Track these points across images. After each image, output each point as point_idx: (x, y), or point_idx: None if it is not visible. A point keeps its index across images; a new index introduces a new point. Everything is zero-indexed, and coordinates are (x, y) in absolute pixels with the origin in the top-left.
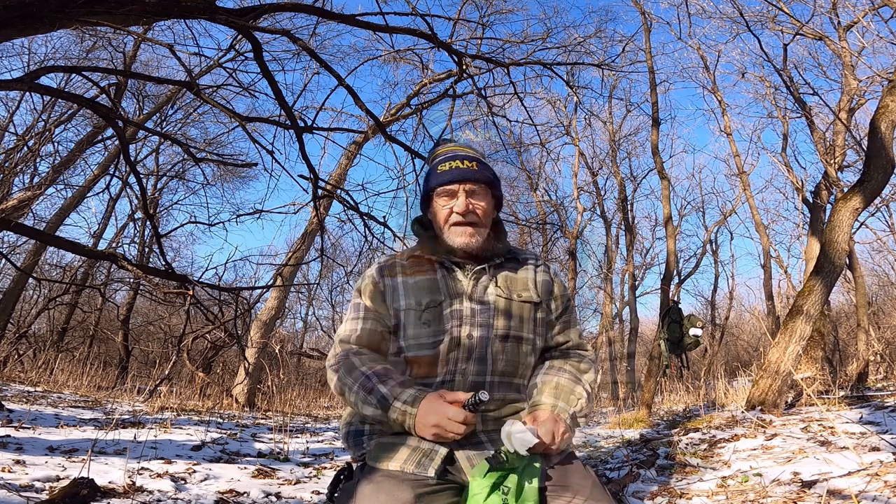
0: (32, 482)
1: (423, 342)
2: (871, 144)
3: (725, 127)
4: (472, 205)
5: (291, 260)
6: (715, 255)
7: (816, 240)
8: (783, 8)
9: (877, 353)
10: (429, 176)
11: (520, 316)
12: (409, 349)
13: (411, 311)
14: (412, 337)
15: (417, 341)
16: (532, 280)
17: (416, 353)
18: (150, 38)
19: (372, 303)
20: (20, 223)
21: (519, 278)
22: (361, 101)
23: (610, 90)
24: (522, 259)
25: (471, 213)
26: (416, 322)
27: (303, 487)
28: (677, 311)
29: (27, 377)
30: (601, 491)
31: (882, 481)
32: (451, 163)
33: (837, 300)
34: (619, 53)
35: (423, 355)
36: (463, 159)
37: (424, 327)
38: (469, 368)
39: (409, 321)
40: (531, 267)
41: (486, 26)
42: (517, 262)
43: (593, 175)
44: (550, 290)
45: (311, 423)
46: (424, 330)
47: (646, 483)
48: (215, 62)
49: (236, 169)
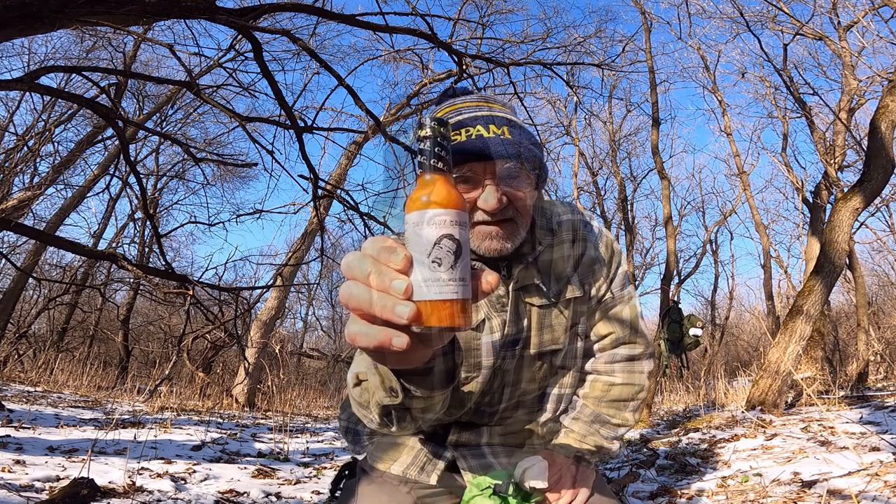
0: (32, 482)
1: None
2: (871, 144)
3: (725, 127)
4: (508, 195)
5: (291, 260)
6: (715, 255)
7: (816, 240)
8: (783, 8)
9: (877, 353)
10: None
11: (557, 324)
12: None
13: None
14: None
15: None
16: (571, 261)
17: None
18: (150, 38)
19: None
20: (20, 223)
21: (557, 266)
22: (361, 101)
23: (610, 90)
24: (557, 228)
25: (505, 208)
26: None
27: (303, 487)
28: (677, 311)
29: (27, 377)
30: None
31: (882, 481)
32: (469, 129)
33: (837, 300)
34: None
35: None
36: (488, 122)
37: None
38: (484, 400)
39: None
40: (567, 243)
41: (486, 26)
42: (553, 234)
43: (593, 175)
44: (591, 266)
45: (311, 423)
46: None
47: (646, 483)
48: (215, 62)
49: (236, 169)
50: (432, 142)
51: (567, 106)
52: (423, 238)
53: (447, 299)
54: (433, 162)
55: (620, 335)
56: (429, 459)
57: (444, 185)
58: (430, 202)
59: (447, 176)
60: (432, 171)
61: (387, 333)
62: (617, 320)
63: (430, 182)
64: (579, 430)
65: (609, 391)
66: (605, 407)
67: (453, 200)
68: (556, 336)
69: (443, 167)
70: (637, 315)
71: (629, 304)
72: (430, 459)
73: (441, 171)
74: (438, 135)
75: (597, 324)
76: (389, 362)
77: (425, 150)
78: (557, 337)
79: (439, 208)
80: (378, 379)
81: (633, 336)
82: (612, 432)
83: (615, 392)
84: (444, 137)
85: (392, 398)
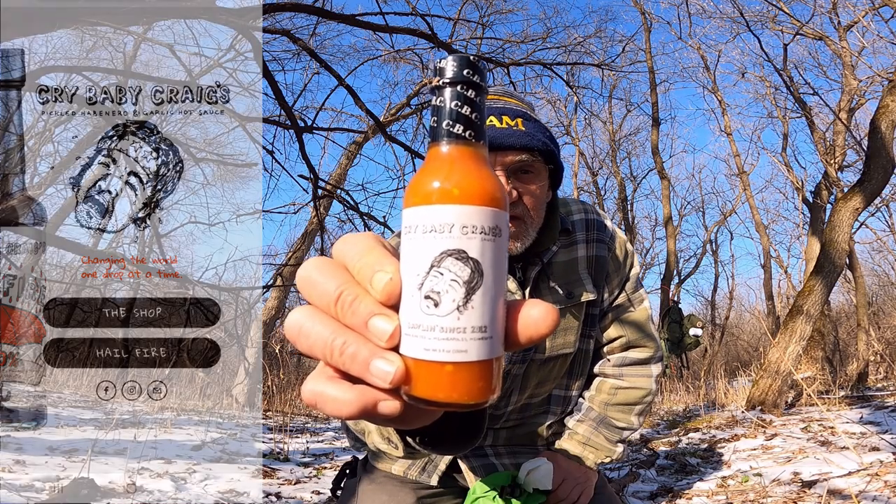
0: (32, 482)
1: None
2: (871, 144)
3: (725, 127)
4: (518, 190)
5: (291, 260)
6: (715, 255)
7: (816, 240)
8: (783, 8)
9: (877, 353)
10: None
11: (569, 327)
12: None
13: None
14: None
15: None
16: (585, 263)
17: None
18: (150, 38)
19: None
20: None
21: (571, 268)
22: (361, 101)
23: (610, 90)
24: (571, 228)
25: (514, 203)
26: None
27: (303, 487)
28: (677, 311)
29: None
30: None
31: (882, 481)
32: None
33: (837, 300)
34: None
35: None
36: (501, 114)
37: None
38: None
39: None
40: (582, 243)
41: (486, 26)
42: (567, 234)
43: (593, 175)
44: (605, 267)
45: (311, 423)
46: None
47: (646, 483)
48: (215, 62)
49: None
50: (452, 93)
51: (567, 106)
52: (413, 255)
53: (447, 361)
54: (448, 125)
55: (631, 339)
56: (430, 460)
57: (462, 164)
58: (432, 192)
59: (473, 148)
60: (448, 139)
61: (370, 396)
62: (628, 324)
63: (440, 158)
64: (584, 433)
65: (616, 394)
66: (611, 410)
67: (475, 189)
68: (567, 340)
69: (466, 133)
70: (648, 318)
71: (640, 307)
72: (431, 460)
73: (462, 140)
74: (463, 83)
75: (608, 327)
76: (379, 423)
77: (440, 108)
78: (569, 340)
79: (444, 203)
80: (373, 425)
81: (642, 339)
82: (616, 435)
83: (622, 395)
84: (474, 87)
85: (391, 448)
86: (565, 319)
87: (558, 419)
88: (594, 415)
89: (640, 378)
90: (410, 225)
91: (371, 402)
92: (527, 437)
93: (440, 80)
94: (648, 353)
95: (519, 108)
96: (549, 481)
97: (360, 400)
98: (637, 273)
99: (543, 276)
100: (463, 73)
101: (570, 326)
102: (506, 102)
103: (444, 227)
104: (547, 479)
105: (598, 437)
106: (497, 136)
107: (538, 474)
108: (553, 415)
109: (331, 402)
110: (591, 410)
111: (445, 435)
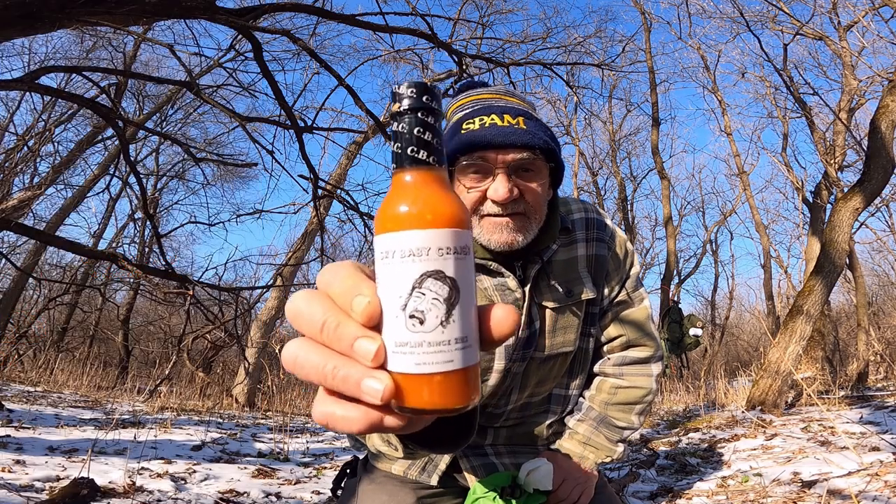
0: (32, 482)
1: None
2: (871, 144)
3: (725, 127)
4: (520, 187)
5: (291, 260)
6: (715, 255)
7: (816, 240)
8: (783, 8)
9: (877, 353)
10: (447, 137)
11: (569, 325)
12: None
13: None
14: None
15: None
16: (585, 261)
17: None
18: (150, 38)
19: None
20: (20, 223)
21: (571, 266)
22: (361, 101)
23: (610, 90)
24: (571, 226)
25: (516, 201)
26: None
27: (303, 487)
28: (677, 311)
29: (27, 377)
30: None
31: (882, 481)
32: (483, 117)
33: (837, 300)
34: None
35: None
36: (503, 112)
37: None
38: (491, 402)
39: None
40: (582, 242)
41: (486, 26)
42: (567, 232)
43: (593, 175)
44: (604, 266)
45: (311, 423)
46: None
47: (646, 483)
48: (215, 62)
49: (236, 169)
50: (413, 120)
51: (567, 106)
52: (394, 279)
53: (436, 372)
54: (413, 151)
55: (631, 338)
56: (430, 460)
57: (429, 189)
58: (406, 218)
59: (436, 172)
60: (413, 165)
61: (374, 412)
62: (628, 322)
63: (408, 185)
64: (584, 432)
65: (616, 394)
66: (611, 409)
67: (446, 213)
68: (567, 338)
69: (429, 159)
70: (648, 317)
71: (640, 305)
72: (431, 460)
73: (426, 166)
74: (422, 109)
75: (608, 326)
76: (383, 432)
77: (402, 134)
78: (569, 339)
79: (420, 228)
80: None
81: (642, 339)
82: (617, 435)
83: (622, 395)
84: (433, 113)
85: (391, 449)
86: (565, 317)
87: (559, 418)
88: (594, 414)
89: (640, 377)
90: (387, 250)
91: (377, 417)
92: (527, 436)
93: (400, 107)
94: (648, 352)
95: (520, 107)
96: (549, 481)
97: (367, 416)
98: (637, 272)
99: (543, 274)
100: (422, 99)
101: (571, 324)
102: (507, 101)
103: (422, 250)
104: (547, 480)
105: (598, 437)
106: (499, 134)
107: (538, 474)
108: (553, 414)
109: (341, 421)
110: (592, 410)
111: (441, 435)
